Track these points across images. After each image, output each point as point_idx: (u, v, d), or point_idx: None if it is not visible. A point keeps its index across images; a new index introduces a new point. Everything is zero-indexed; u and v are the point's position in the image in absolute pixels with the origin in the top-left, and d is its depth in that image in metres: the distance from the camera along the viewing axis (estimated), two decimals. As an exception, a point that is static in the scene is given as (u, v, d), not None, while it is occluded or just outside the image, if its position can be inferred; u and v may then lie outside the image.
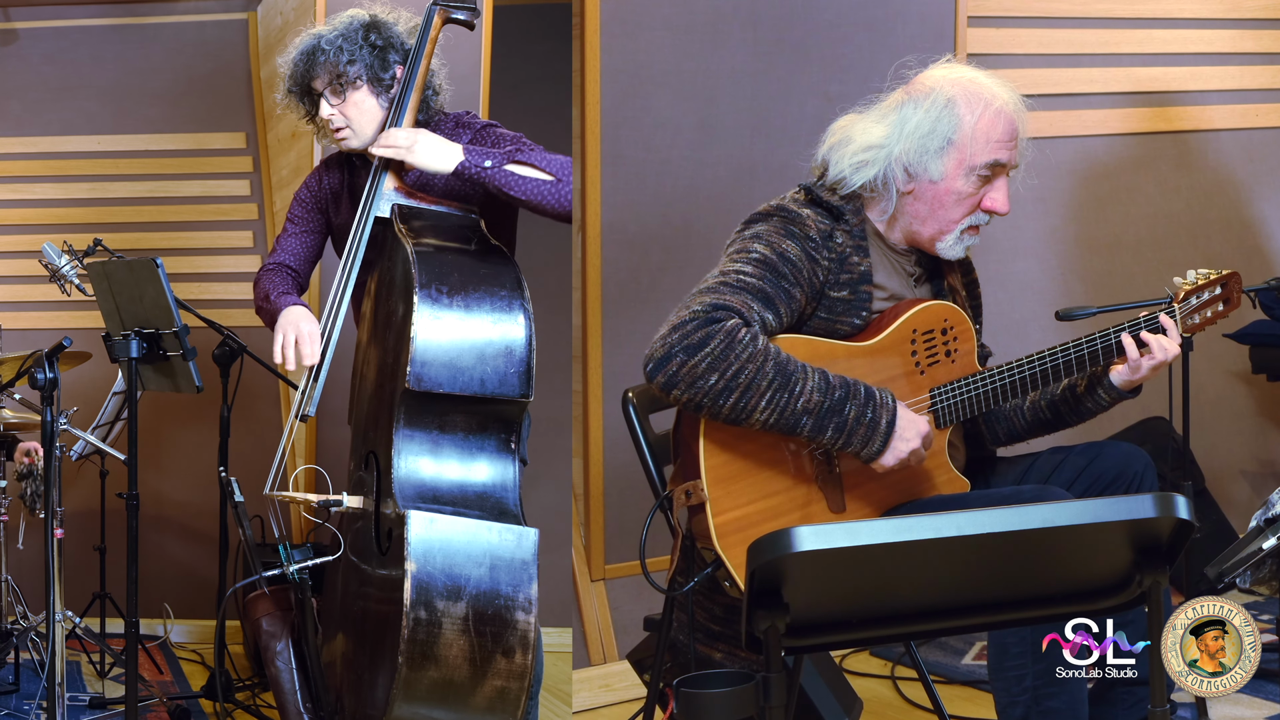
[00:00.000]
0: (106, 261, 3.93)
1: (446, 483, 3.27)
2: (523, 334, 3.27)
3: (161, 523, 5.21)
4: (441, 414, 3.27)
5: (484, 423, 3.30)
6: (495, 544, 3.17)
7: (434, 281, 3.24)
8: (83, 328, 4.83)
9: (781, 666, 2.15)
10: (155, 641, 5.05)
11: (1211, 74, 5.33)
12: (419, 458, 3.26)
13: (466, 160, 3.33)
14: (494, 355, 3.25)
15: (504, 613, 3.14)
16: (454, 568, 3.14)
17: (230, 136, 5.21)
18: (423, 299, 3.22)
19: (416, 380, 3.20)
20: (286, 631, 3.58)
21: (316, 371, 3.45)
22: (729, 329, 2.78)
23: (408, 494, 3.22)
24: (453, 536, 3.15)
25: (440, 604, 3.12)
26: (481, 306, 3.26)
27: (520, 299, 3.28)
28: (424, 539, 3.12)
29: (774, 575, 2.10)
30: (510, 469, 3.30)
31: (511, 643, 3.14)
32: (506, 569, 3.16)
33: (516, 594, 3.16)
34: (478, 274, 3.29)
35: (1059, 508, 2.13)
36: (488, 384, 3.25)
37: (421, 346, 3.21)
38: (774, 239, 2.95)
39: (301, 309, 3.53)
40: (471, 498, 3.27)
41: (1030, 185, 3.17)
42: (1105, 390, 3.14)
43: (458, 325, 3.24)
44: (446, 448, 3.29)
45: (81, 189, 5.28)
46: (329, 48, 3.50)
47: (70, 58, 5.27)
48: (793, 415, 2.81)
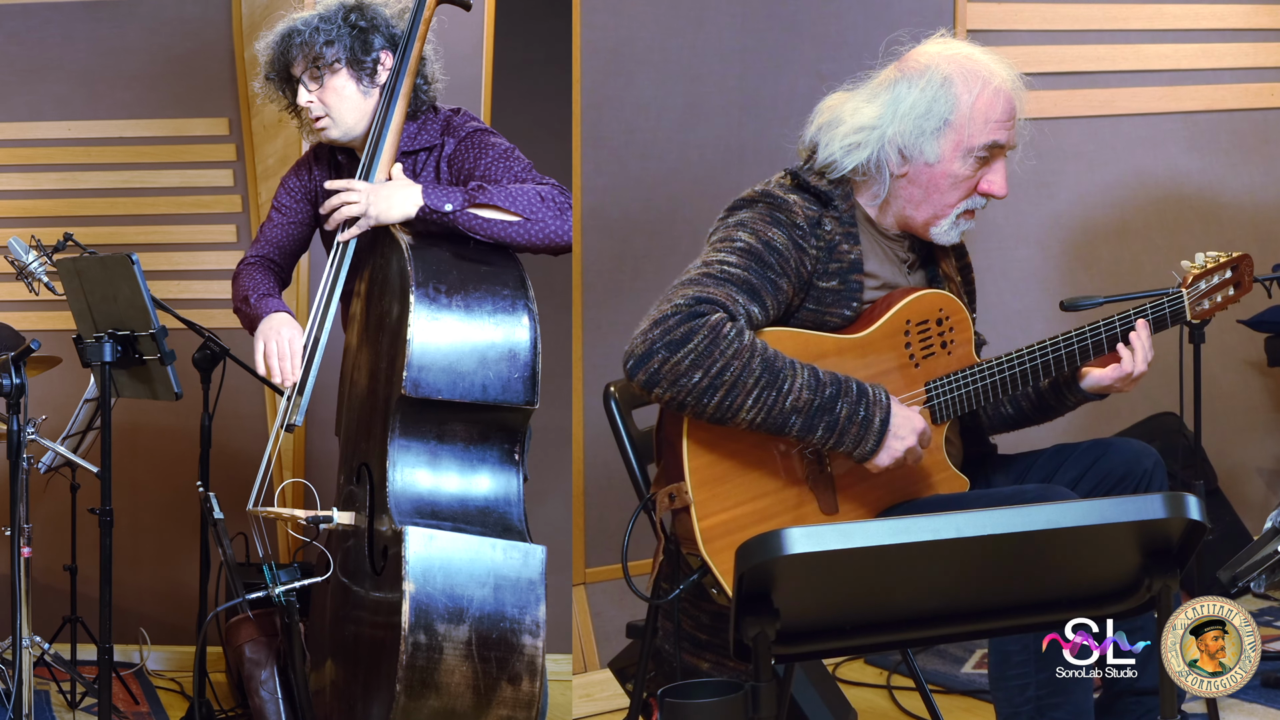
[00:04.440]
0: (78, 258, 3.89)
1: (446, 497, 3.22)
2: (527, 336, 3.23)
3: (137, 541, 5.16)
4: (440, 423, 3.22)
5: (485, 432, 3.26)
6: (500, 562, 3.12)
7: (431, 280, 3.19)
8: (52, 329, 4.79)
9: (772, 675, 2.15)
10: (130, 669, 5.01)
11: (1224, 51, 5.34)
12: (416, 470, 3.22)
13: (426, 205, 3.29)
14: (496, 359, 3.21)
15: (510, 637, 3.10)
16: (455, 588, 3.09)
17: (212, 122, 5.18)
18: (420, 299, 3.17)
19: (414, 386, 3.16)
20: (271, 658, 3.55)
21: (304, 378, 3.42)
22: (713, 324, 2.78)
23: (404, 509, 3.17)
24: (454, 554, 3.10)
25: (441, 627, 3.07)
26: (483, 307, 3.21)
27: (524, 299, 3.24)
28: (423, 557, 3.08)
29: (763, 579, 2.10)
30: (514, 482, 3.25)
31: (518, 669, 3.10)
32: (512, 589, 3.12)
33: (523, 616, 3.12)
34: (478, 272, 3.24)
35: (1063, 508, 2.14)
36: (490, 390, 3.20)
37: (419, 350, 3.16)
38: (759, 227, 2.95)
39: (283, 316, 3.50)
40: (473, 513, 3.22)
41: (1033, 169, 3.17)
42: (1071, 391, 3.16)
43: (457, 327, 3.19)
44: (445, 459, 3.24)
45: (50, 179, 5.23)
46: (305, 28, 3.48)
47: (38, 37, 5.22)
48: (781, 414, 2.81)
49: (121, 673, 4.76)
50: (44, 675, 4.66)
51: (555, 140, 4.37)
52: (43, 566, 4.53)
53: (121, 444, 4.14)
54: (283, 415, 3.41)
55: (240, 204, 5.11)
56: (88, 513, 4.17)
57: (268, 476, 3.44)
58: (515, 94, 4.49)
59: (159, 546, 5.15)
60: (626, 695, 3.70)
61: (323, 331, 3.42)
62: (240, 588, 3.36)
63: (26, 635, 3.62)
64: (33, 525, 3.90)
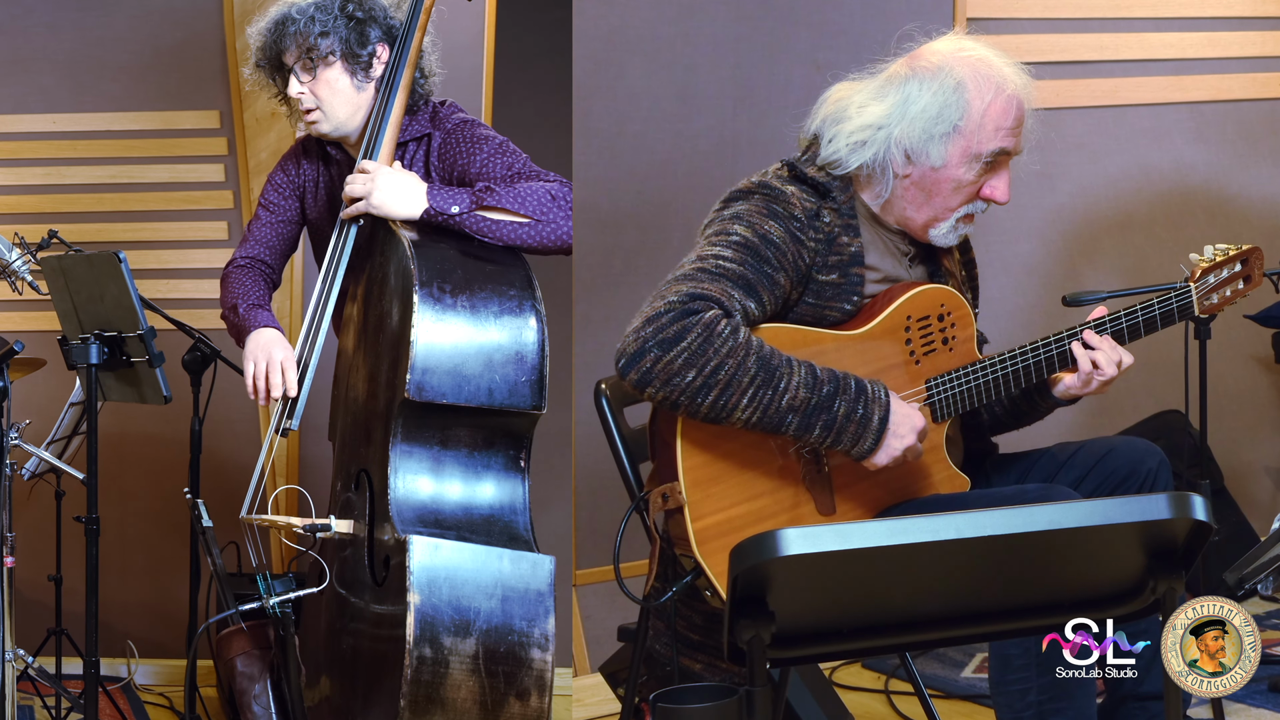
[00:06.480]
0: (63, 256, 3.87)
1: (449, 504, 3.20)
2: (534, 338, 3.20)
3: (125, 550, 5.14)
4: (444, 427, 3.20)
5: (491, 437, 3.23)
6: (507, 573, 3.10)
7: (435, 280, 3.16)
8: (36, 330, 4.77)
9: (767, 680, 2.15)
10: (118, 683, 4.96)
11: (1231, 40, 5.34)
12: (418, 476, 3.19)
13: (431, 207, 3.26)
14: (503, 362, 3.18)
15: (518, 650, 3.08)
16: (461, 599, 3.06)
17: (203, 115, 5.15)
18: (423, 299, 3.15)
19: (417, 390, 3.13)
20: (265, 672, 3.52)
21: (301, 379, 3.40)
22: (707, 321, 2.77)
23: (406, 517, 3.15)
24: (460, 564, 3.07)
25: (447, 640, 3.04)
26: (489, 307, 3.19)
27: (531, 299, 3.22)
28: (428, 567, 3.05)
29: (758, 581, 2.10)
30: (520, 489, 3.23)
31: (526, 684, 3.07)
32: (520, 601, 3.09)
33: (531, 629, 3.09)
34: (484, 271, 3.22)
35: (1066, 508, 2.14)
36: (496, 394, 3.18)
37: (423, 352, 3.14)
38: (755, 219, 2.94)
39: (272, 333, 3.46)
40: (477, 521, 3.20)
41: (1035, 161, 3.17)
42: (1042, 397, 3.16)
43: (463, 328, 3.17)
44: (449, 465, 3.21)
45: (35, 174, 5.21)
46: (300, 17, 3.43)
47: (22, 26, 5.19)
48: (777, 413, 2.80)
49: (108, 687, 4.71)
50: (28, 690, 4.61)
51: (558, 132, 4.36)
52: (26, 577, 4.50)
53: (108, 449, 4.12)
54: (277, 420, 3.39)
55: (232, 200, 5.09)
56: (73, 521, 4.12)
57: (262, 483, 3.41)
58: (517, 85, 4.48)
59: (147, 556, 5.12)
60: (618, 700, 3.70)
61: (318, 336, 3.40)
62: (231, 599, 3.33)
63: (9, 648, 3.60)
64: (16, 534, 3.86)
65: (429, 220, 3.26)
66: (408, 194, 3.28)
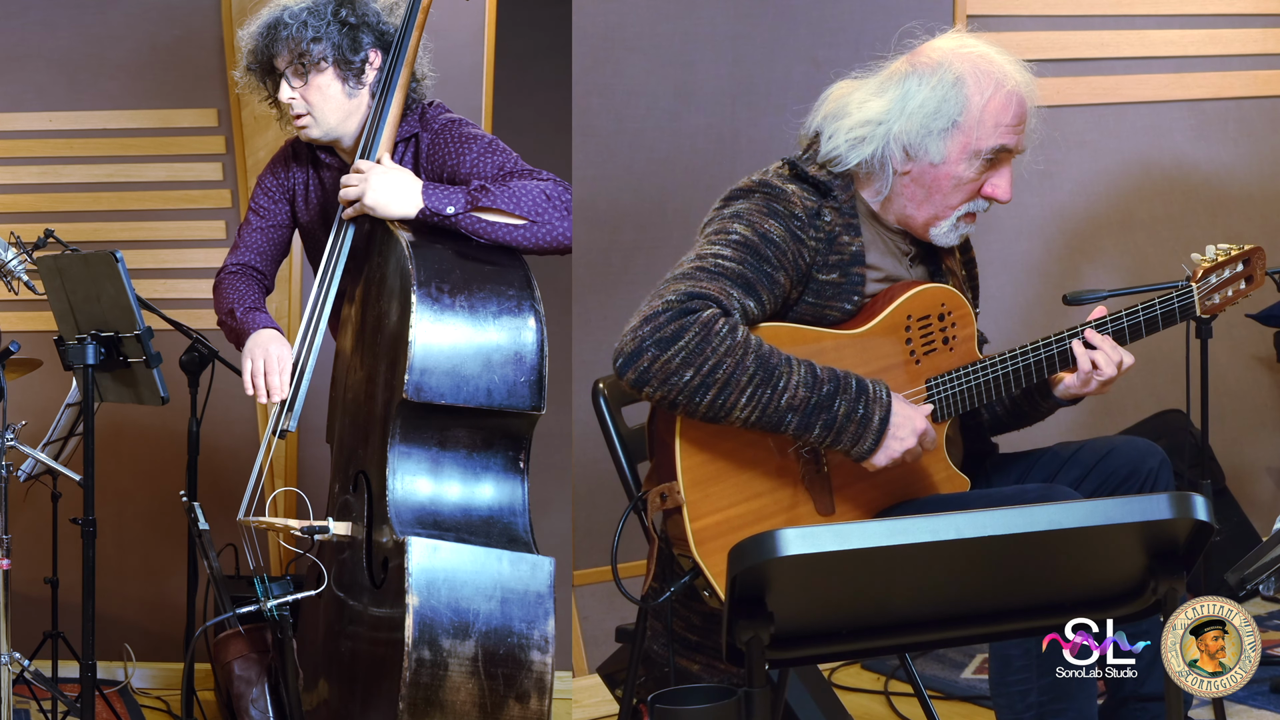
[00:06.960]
0: (59, 255, 3.86)
1: (448, 506, 3.20)
2: (533, 339, 3.20)
3: (121, 552, 5.13)
4: (442, 428, 3.20)
5: (489, 438, 3.23)
6: (506, 575, 3.10)
7: (434, 279, 3.16)
8: (32, 330, 4.76)
9: (765, 681, 2.16)
10: (115, 687, 4.96)
11: (1232, 37, 5.34)
12: (417, 478, 3.19)
13: (426, 207, 3.25)
14: (502, 362, 3.18)
15: (517, 652, 3.08)
16: (461, 601, 3.06)
17: (200, 114, 5.14)
18: (422, 299, 3.15)
19: (416, 390, 3.13)
20: (262, 675, 3.52)
21: (296, 384, 3.40)
22: (705, 320, 2.78)
23: (405, 519, 3.15)
24: (459, 566, 3.08)
25: (446, 643, 3.04)
26: (487, 307, 3.19)
27: (530, 299, 3.22)
28: (427, 569, 3.05)
29: (757, 582, 2.10)
30: (519, 490, 3.23)
31: (526, 686, 3.08)
32: (519, 603, 3.10)
33: (531, 631, 3.09)
34: (482, 271, 3.22)
35: (1067, 508, 2.14)
36: (495, 395, 3.18)
37: (421, 353, 3.14)
38: (755, 218, 2.94)
39: (271, 333, 3.46)
40: (476, 523, 3.19)
41: (1035, 159, 3.17)
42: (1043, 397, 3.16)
43: (461, 329, 3.17)
44: (448, 467, 3.21)
45: (30, 173, 5.20)
46: (293, 21, 3.41)
47: (17, 23, 5.18)
48: (776, 413, 2.81)
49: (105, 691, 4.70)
50: (23, 693, 4.61)
51: (557, 130, 4.35)
52: (22, 579, 4.47)
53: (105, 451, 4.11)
54: (275, 421, 3.39)
55: (230, 199, 5.08)
56: (70, 523, 4.12)
57: (260, 485, 3.41)
58: (517, 83, 4.47)
59: (144, 558, 5.11)
60: (616, 701, 3.70)
61: (315, 338, 3.39)
62: (228, 601, 3.32)
63: (5, 651, 3.59)
64: (12, 536, 3.86)
65: (424, 220, 3.26)
66: (402, 193, 3.27)
